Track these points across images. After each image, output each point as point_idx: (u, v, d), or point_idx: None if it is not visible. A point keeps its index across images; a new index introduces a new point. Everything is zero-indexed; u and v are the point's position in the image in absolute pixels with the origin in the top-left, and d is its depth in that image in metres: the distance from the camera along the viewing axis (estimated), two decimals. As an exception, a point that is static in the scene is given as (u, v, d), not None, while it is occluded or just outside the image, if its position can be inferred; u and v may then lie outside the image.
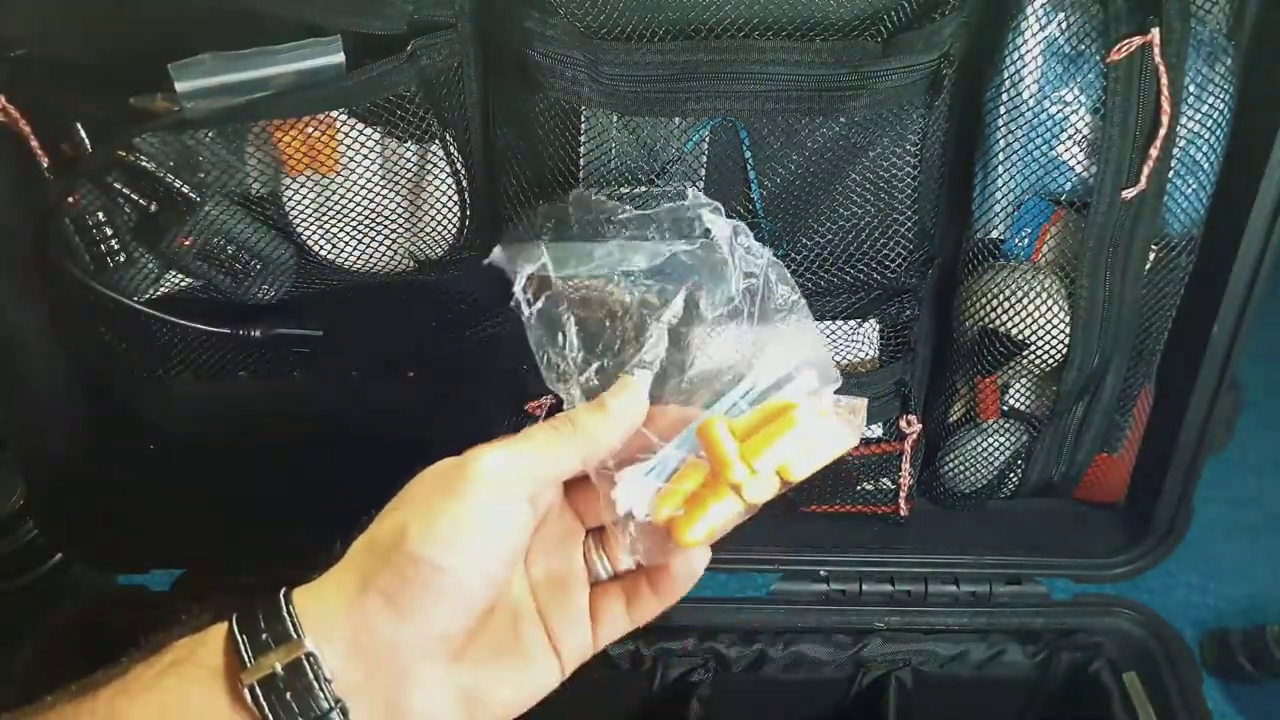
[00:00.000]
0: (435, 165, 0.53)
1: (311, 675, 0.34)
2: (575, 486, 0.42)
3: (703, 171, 0.52)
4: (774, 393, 0.40)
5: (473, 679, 0.38)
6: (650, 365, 0.40)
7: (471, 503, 0.36)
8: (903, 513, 0.66)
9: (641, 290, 0.42)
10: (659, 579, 0.41)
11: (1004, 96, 0.53)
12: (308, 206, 0.52)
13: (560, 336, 0.42)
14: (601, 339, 0.42)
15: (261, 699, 0.34)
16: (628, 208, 0.45)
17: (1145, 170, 0.51)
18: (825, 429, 0.39)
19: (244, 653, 0.35)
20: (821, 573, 0.67)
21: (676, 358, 0.41)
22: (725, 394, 0.40)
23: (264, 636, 0.35)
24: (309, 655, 0.35)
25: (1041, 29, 0.51)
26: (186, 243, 0.52)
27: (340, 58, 0.47)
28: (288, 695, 0.34)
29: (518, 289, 0.43)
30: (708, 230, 0.43)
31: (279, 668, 0.34)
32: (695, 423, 0.39)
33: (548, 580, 0.42)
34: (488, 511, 0.36)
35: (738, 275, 0.42)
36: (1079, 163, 0.53)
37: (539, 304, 0.43)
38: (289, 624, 0.35)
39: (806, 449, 0.38)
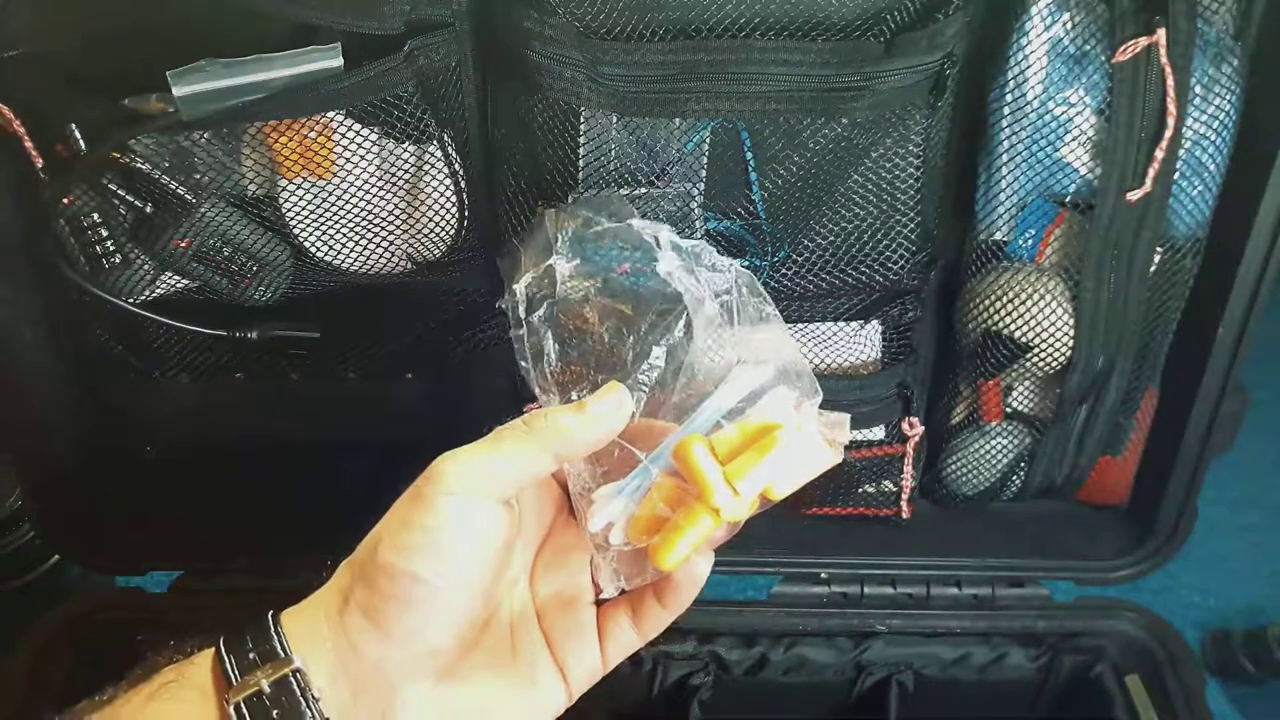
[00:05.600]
0: (433, 166, 0.52)
1: (298, 692, 0.34)
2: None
3: (703, 172, 0.52)
4: (749, 407, 0.38)
5: (466, 697, 0.37)
6: (645, 385, 0.39)
7: (439, 507, 0.35)
8: (905, 515, 0.65)
9: (633, 304, 0.41)
10: (664, 589, 0.40)
11: (1008, 97, 0.52)
12: (304, 208, 0.52)
13: (543, 351, 0.41)
14: (591, 353, 0.41)
15: (248, 717, 0.34)
16: (602, 220, 0.44)
17: (1150, 172, 0.51)
18: (809, 448, 0.37)
19: (230, 671, 0.35)
20: (823, 575, 0.67)
21: (664, 374, 0.40)
22: (699, 409, 0.39)
23: (251, 655, 0.35)
24: (296, 672, 0.34)
25: (1046, 29, 0.50)
26: (182, 244, 0.52)
27: (339, 62, 0.47)
28: (274, 713, 0.34)
29: (504, 303, 0.43)
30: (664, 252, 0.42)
31: (265, 685, 0.34)
32: (670, 438, 0.38)
33: (554, 599, 0.41)
34: (457, 515, 0.35)
35: (708, 298, 0.40)
36: (1084, 164, 0.53)
37: (525, 317, 0.42)
38: (276, 642, 0.35)
39: (790, 469, 0.37)
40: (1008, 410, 0.63)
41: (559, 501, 0.42)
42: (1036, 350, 0.57)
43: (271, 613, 0.36)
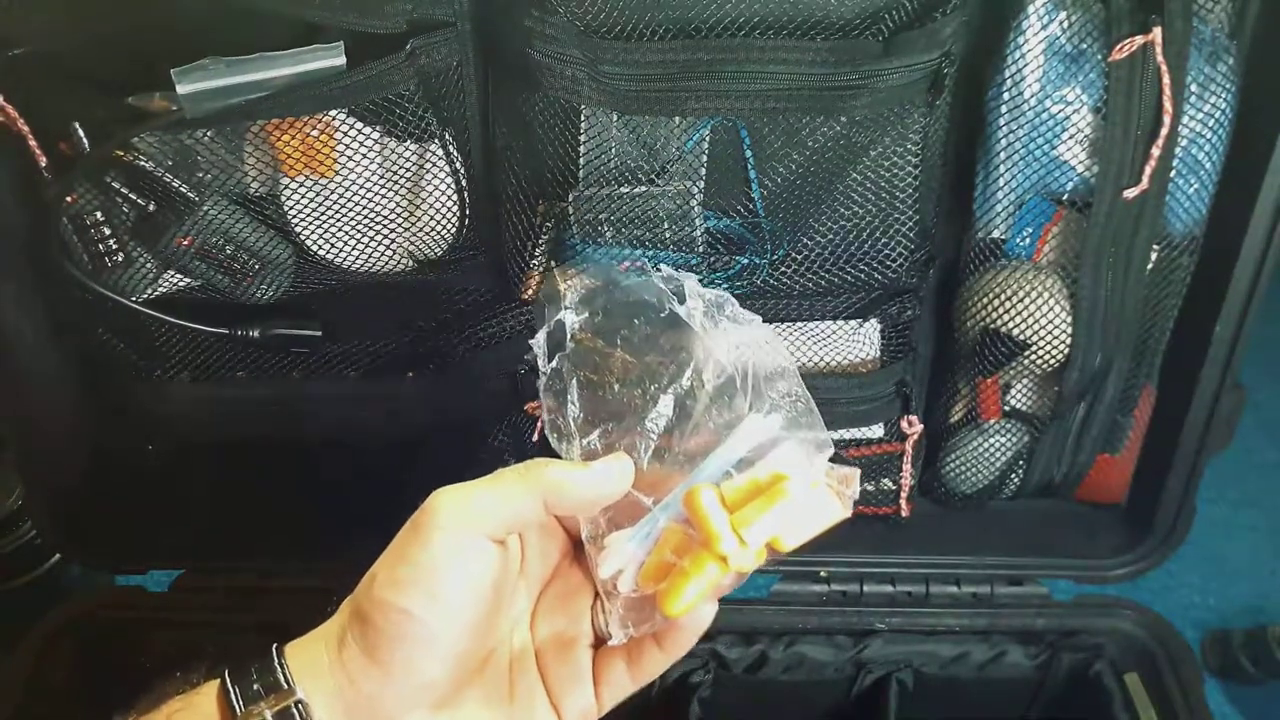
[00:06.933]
0: (434, 165, 0.53)
1: None
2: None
3: (703, 170, 0.52)
4: (760, 457, 0.38)
5: None
6: (653, 434, 0.40)
7: (432, 541, 0.36)
8: (904, 513, 0.65)
9: (644, 355, 0.42)
10: (665, 633, 0.40)
11: (1005, 95, 0.52)
12: (306, 206, 0.52)
13: (564, 397, 0.42)
14: (603, 402, 0.41)
15: None
16: (631, 270, 0.44)
17: (1147, 170, 0.51)
18: (817, 500, 0.37)
19: (235, 702, 0.36)
20: (822, 573, 0.67)
21: (671, 424, 0.40)
22: (709, 458, 0.39)
23: (255, 686, 0.36)
24: (298, 703, 0.35)
25: (1043, 28, 0.51)
26: (185, 242, 0.52)
27: (342, 60, 0.47)
28: None
29: (536, 346, 0.43)
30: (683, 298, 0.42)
31: (269, 715, 0.35)
32: (680, 487, 0.38)
33: (552, 640, 0.41)
34: (448, 550, 0.36)
35: (726, 347, 0.40)
36: (1081, 162, 0.53)
37: (542, 368, 0.43)
38: (279, 674, 0.36)
39: (798, 521, 0.37)
40: (1006, 408, 0.63)
41: (565, 546, 0.43)
42: (1034, 348, 0.57)
43: (275, 645, 0.37)
